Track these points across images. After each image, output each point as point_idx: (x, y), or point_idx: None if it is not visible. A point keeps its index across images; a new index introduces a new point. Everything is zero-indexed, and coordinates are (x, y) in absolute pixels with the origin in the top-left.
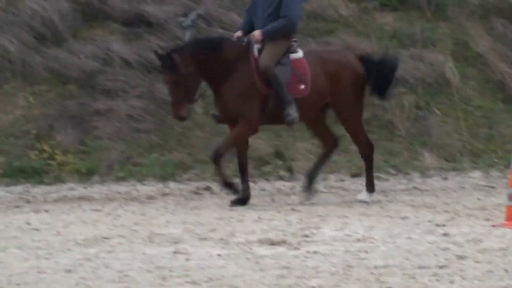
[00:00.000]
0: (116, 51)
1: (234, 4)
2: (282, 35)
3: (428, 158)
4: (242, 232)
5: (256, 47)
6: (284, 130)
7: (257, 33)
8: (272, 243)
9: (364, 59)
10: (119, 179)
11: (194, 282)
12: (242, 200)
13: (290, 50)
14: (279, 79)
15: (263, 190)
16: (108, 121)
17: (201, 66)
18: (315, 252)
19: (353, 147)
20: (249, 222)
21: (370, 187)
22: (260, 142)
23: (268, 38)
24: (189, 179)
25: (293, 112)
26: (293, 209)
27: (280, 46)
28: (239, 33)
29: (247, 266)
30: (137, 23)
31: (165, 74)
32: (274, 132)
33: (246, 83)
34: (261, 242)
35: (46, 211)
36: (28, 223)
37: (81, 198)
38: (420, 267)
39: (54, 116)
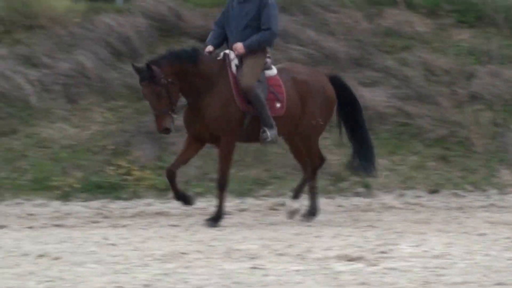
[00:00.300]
0: None
1: (309, 20)
2: (262, 49)
3: (506, 175)
4: (319, 248)
5: (234, 63)
6: None
7: (239, 46)
8: (350, 259)
9: (335, 81)
10: (197, 195)
11: None
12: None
13: (265, 66)
14: (261, 99)
15: (340, 206)
16: (184, 137)
17: (179, 78)
18: (392, 269)
19: (430, 164)
20: (326, 238)
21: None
22: (338, 159)
23: (249, 51)
24: (266, 195)
25: (271, 133)
26: (370, 226)
27: (259, 62)
28: (210, 48)
29: (324, 282)
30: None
31: (145, 85)
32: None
33: (225, 100)
34: (338, 258)
35: (124, 226)
36: (106, 238)
37: (159, 214)
38: (498, 284)
39: (131, 132)
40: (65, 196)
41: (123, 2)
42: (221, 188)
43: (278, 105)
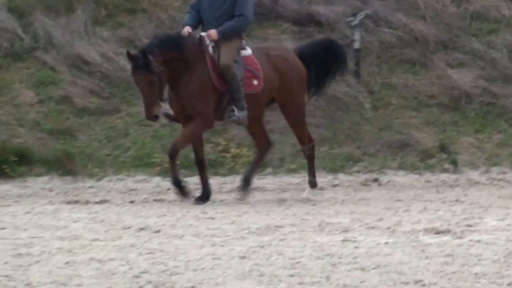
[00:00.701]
0: None
1: (400, 4)
2: (237, 34)
3: None
4: (408, 222)
5: (211, 45)
6: (448, 124)
7: (213, 33)
8: (437, 232)
9: (300, 55)
10: (291, 171)
11: (362, 269)
12: (204, 196)
13: (240, 47)
14: (237, 79)
15: (428, 182)
16: (280, 116)
17: (167, 65)
18: (478, 241)
19: None
20: (415, 212)
21: (313, 183)
22: (426, 136)
23: (223, 37)
24: (357, 171)
25: (239, 113)
26: (457, 200)
27: (235, 44)
28: (188, 29)
29: (413, 254)
30: (307, 23)
31: (139, 74)
32: (439, 127)
33: (202, 81)
34: (426, 231)
35: (221, 201)
36: (204, 212)
37: (255, 189)
38: None
39: None
40: (165, 172)
41: None
42: (170, 155)
43: (255, 82)
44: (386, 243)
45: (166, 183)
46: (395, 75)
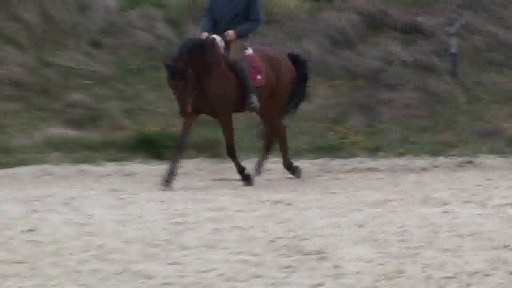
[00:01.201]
0: (395, 53)
1: (489, 16)
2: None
3: None
4: (497, 197)
5: (222, 45)
6: None
7: (231, 33)
8: None
9: (291, 58)
10: (399, 154)
11: (459, 236)
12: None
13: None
14: (246, 71)
15: None
16: (389, 108)
17: (194, 67)
18: None
19: None
20: (503, 189)
21: (287, 162)
22: (511, 125)
23: (240, 37)
24: (454, 155)
25: (255, 100)
26: None
27: (243, 43)
28: (206, 34)
29: (501, 224)
30: (412, 31)
31: (175, 81)
32: None
33: (224, 79)
34: None
35: (342, 179)
36: (327, 188)
37: (369, 169)
38: None
39: (347, 104)
40: (296, 155)
41: (340, 1)
42: (231, 155)
43: (259, 77)
44: (479, 214)
45: (297, 163)
46: (485, 75)
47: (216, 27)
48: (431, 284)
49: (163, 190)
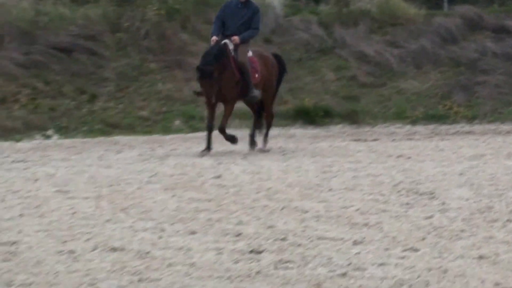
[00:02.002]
0: (488, 48)
1: None
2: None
3: None
4: None
5: (231, 48)
6: None
7: (236, 38)
8: None
9: (274, 56)
10: (490, 122)
11: None
12: (206, 150)
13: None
14: (249, 71)
15: None
16: (483, 88)
17: (218, 70)
18: None
19: None
20: None
21: (266, 141)
22: None
23: (243, 42)
24: None
25: (256, 91)
26: None
27: (247, 47)
28: (215, 38)
29: None
30: (501, 31)
31: (206, 82)
32: None
33: (232, 77)
34: None
35: (447, 139)
36: (437, 146)
37: (468, 133)
38: None
39: (452, 85)
40: (413, 122)
41: (448, 8)
42: (221, 131)
43: (256, 75)
44: None
45: (414, 128)
46: None
47: (224, 32)
48: None
49: (284, 154)
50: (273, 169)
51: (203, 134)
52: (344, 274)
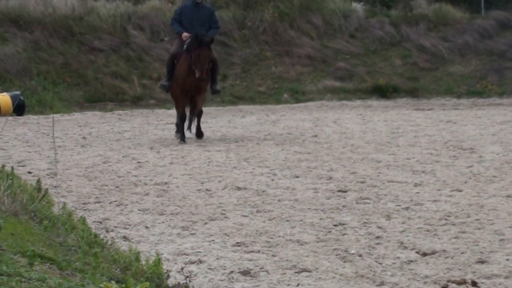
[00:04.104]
0: None
1: None
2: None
3: None
4: None
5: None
6: None
7: (210, 36)
8: None
9: None
10: None
11: None
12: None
13: None
14: (218, 67)
15: None
16: (511, 71)
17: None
18: None
19: None
20: None
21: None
22: None
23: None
24: None
25: (219, 86)
26: None
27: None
28: (186, 33)
29: None
30: None
31: (203, 51)
32: None
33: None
34: None
35: (483, 109)
36: (476, 114)
37: (499, 104)
38: None
39: (487, 69)
40: (458, 97)
41: (485, 13)
42: (199, 116)
43: None
44: None
45: (459, 101)
46: None
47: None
48: None
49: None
50: (355, 130)
51: (305, 104)
52: (407, 208)
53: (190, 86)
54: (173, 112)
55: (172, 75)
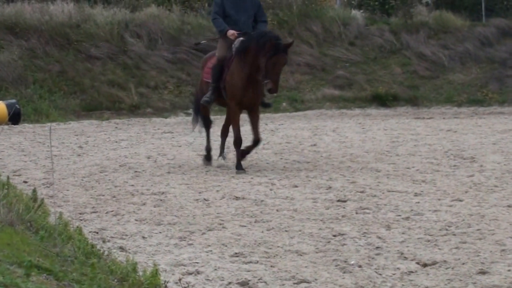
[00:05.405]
0: None
1: None
2: None
3: None
4: None
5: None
6: None
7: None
8: None
9: None
10: None
11: None
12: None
13: None
14: None
15: None
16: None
17: None
18: None
19: None
20: None
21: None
22: None
23: None
24: None
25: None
26: None
27: None
28: (234, 32)
29: None
30: None
31: (281, 58)
32: None
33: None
34: None
35: (484, 118)
36: (476, 123)
37: (499, 113)
38: None
39: (487, 77)
40: (459, 105)
41: (485, 20)
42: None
43: None
44: None
45: (460, 109)
46: None
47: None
48: None
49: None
50: (355, 139)
51: (304, 113)
52: (407, 218)
53: (249, 100)
54: (170, 121)
55: (218, 86)
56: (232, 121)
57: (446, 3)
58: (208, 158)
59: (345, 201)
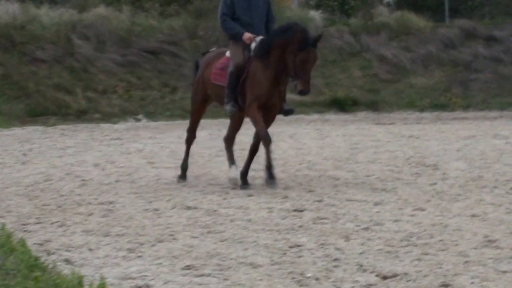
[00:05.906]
0: (480, 52)
1: None
2: None
3: None
4: None
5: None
6: None
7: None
8: None
9: None
10: (480, 110)
11: None
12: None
13: None
14: None
15: None
16: (475, 83)
17: None
18: None
19: None
20: None
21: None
22: None
23: None
24: None
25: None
26: None
27: None
28: (251, 35)
29: None
30: (490, 39)
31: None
32: None
33: None
34: None
35: (448, 123)
36: (440, 129)
37: (463, 118)
38: None
39: (451, 80)
40: (421, 110)
41: (449, 21)
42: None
43: None
44: None
45: (422, 115)
46: None
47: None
48: (498, 183)
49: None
50: (312, 146)
51: None
52: (367, 228)
53: (271, 103)
54: (119, 126)
55: (237, 94)
56: (254, 122)
57: (408, 3)
58: (182, 177)
59: (302, 211)
